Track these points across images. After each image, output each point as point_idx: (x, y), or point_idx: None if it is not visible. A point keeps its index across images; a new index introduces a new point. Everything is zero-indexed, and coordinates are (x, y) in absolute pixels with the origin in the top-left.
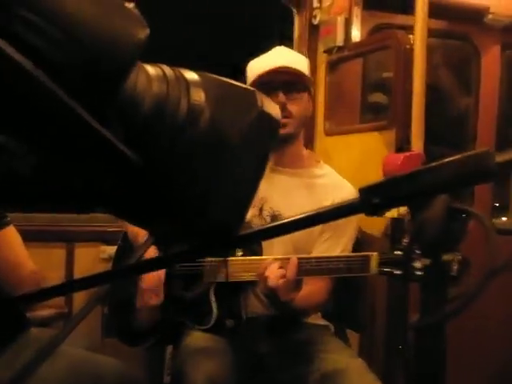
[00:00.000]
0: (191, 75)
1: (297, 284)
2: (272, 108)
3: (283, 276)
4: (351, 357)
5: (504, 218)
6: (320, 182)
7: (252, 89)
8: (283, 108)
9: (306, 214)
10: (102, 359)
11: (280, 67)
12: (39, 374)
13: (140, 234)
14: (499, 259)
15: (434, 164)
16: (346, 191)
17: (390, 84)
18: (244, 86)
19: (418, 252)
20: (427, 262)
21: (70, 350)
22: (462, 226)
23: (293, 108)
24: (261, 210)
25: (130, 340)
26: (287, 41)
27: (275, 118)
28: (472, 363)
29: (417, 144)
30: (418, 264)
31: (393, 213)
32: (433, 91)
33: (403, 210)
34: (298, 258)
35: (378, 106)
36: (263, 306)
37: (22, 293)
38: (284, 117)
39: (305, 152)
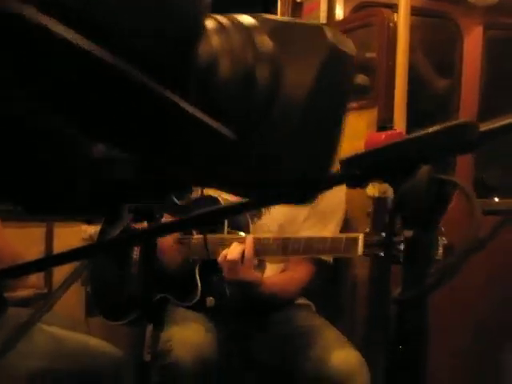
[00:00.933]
0: (249, 20)
1: (259, 264)
2: (346, 43)
3: (241, 254)
4: (332, 332)
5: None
6: None
7: (319, 23)
8: None
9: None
10: (84, 337)
11: None
12: (20, 349)
13: None
14: (482, 232)
15: (415, 134)
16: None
17: (372, 65)
18: (309, 22)
19: (399, 229)
20: (409, 233)
21: (51, 328)
22: (446, 197)
23: None
24: None
25: (112, 315)
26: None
27: (350, 54)
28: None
29: (399, 123)
30: (401, 246)
31: (374, 191)
32: (414, 70)
33: (384, 187)
34: (285, 238)
35: (359, 88)
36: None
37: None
38: None
39: None
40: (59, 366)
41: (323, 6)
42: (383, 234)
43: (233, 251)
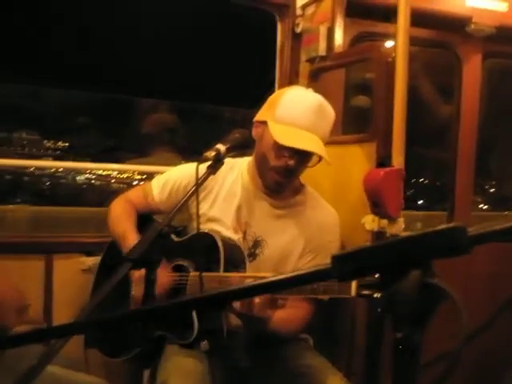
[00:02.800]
0: None
1: (272, 302)
2: None
3: None
4: (330, 370)
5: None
6: (302, 210)
7: None
8: (292, 170)
9: (280, 277)
10: (82, 377)
11: (306, 151)
12: None
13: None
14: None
15: (406, 236)
16: (328, 217)
17: (373, 86)
18: None
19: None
20: (399, 335)
21: (51, 368)
22: (435, 301)
23: (298, 169)
24: (244, 233)
25: (110, 351)
26: (270, 48)
27: None
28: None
29: (397, 159)
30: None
31: (373, 225)
32: (415, 99)
33: (383, 222)
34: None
35: (360, 111)
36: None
37: (1, 317)
38: (284, 176)
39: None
40: None
41: (322, 38)
42: (377, 276)
43: None
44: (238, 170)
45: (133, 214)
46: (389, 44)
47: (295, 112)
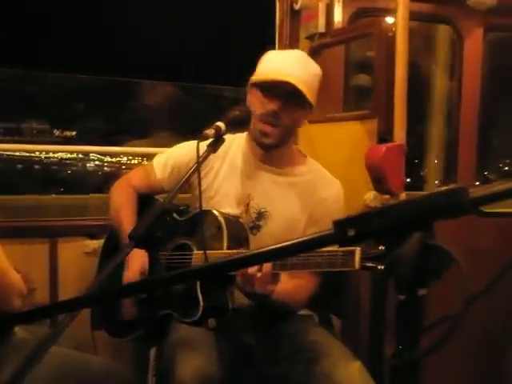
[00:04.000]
0: None
1: (273, 278)
2: None
3: (259, 269)
4: (337, 346)
5: None
6: (305, 180)
7: None
8: (275, 116)
9: (282, 245)
10: (89, 358)
11: (286, 82)
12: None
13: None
14: (472, 290)
15: (407, 199)
16: (331, 188)
17: (373, 64)
18: None
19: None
20: (401, 297)
21: (55, 349)
22: (438, 263)
23: (284, 119)
24: (247, 206)
25: (116, 331)
26: (269, 26)
27: None
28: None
29: (399, 135)
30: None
31: (376, 201)
32: (415, 74)
33: (386, 198)
34: None
35: (361, 90)
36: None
37: (9, 301)
38: (272, 125)
39: (292, 150)
40: None
41: (321, 15)
42: (381, 247)
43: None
44: (237, 144)
45: (134, 200)
46: (389, 20)
47: (272, 62)
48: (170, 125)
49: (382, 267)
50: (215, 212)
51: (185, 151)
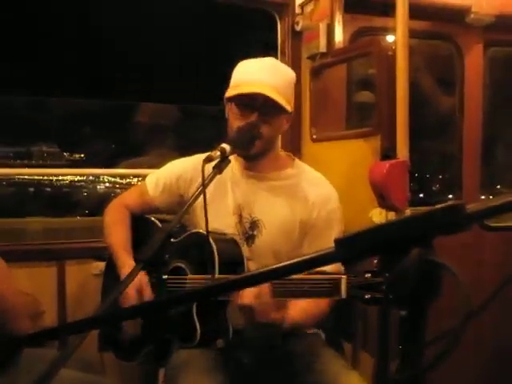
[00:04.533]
0: None
1: (279, 305)
2: None
3: (257, 296)
4: (344, 367)
5: None
6: (295, 182)
7: None
8: (254, 128)
9: (284, 264)
10: (98, 381)
11: (260, 94)
12: None
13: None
14: (473, 305)
15: (407, 216)
16: (322, 187)
17: (375, 81)
18: None
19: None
20: (403, 313)
21: (64, 371)
22: (437, 278)
23: (264, 129)
24: (240, 216)
25: (123, 354)
26: (271, 48)
27: None
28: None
29: (402, 151)
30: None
31: (381, 217)
32: (417, 92)
33: (391, 214)
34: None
35: (364, 107)
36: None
37: (16, 324)
38: (253, 138)
39: (278, 154)
40: None
41: (322, 35)
42: (367, 275)
43: (245, 296)
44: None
45: (125, 221)
46: (389, 38)
47: (244, 74)
48: (170, 144)
49: (369, 296)
50: (205, 235)
51: (176, 168)
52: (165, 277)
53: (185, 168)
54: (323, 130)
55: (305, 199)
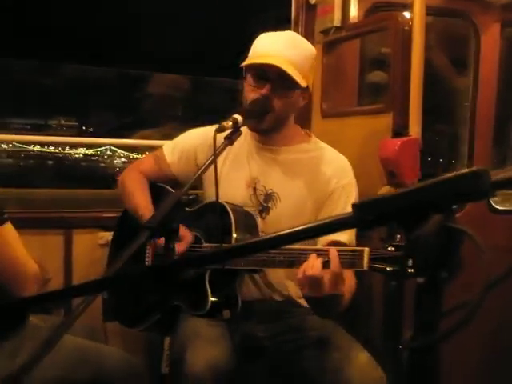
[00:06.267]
0: None
1: (340, 276)
2: None
3: (324, 265)
4: (345, 338)
5: None
6: (311, 156)
7: None
8: (266, 101)
9: (301, 228)
10: (103, 347)
11: (273, 65)
12: (41, 362)
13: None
14: (493, 275)
15: (427, 182)
16: (339, 163)
17: (388, 60)
18: None
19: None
20: (421, 280)
21: (71, 338)
22: (456, 245)
23: (276, 103)
24: (254, 189)
25: (129, 321)
26: (284, 21)
27: None
28: None
29: (414, 129)
30: (409, 262)
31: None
32: (429, 70)
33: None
34: (291, 249)
35: (376, 86)
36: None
37: (25, 289)
38: (264, 111)
39: (294, 129)
40: (76, 376)
41: (337, 9)
42: (391, 249)
43: (313, 266)
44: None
45: (146, 186)
46: (405, 14)
47: (262, 46)
48: (182, 117)
49: (391, 269)
50: (223, 204)
51: (193, 137)
52: (171, 246)
53: (203, 137)
54: (334, 105)
55: (321, 173)
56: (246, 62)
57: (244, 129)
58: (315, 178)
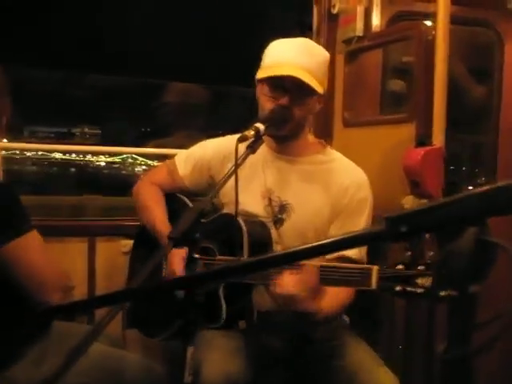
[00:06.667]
0: None
1: (316, 291)
2: None
3: (298, 283)
4: (366, 352)
5: None
6: (326, 168)
7: None
8: (286, 111)
9: (330, 240)
10: (125, 355)
11: (291, 76)
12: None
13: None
14: None
15: (461, 195)
16: (357, 176)
17: (410, 69)
18: None
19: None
20: (454, 293)
21: (95, 345)
22: (491, 259)
23: (296, 112)
24: (270, 200)
25: (148, 330)
26: (306, 30)
27: None
28: None
29: (438, 138)
30: (420, 281)
31: (413, 206)
32: (452, 80)
33: (422, 202)
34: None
35: (396, 95)
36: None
37: (49, 296)
38: (284, 120)
39: (309, 140)
40: (100, 383)
41: (359, 18)
42: (399, 267)
43: (287, 284)
44: None
45: (161, 199)
46: (427, 24)
47: (276, 54)
48: (192, 124)
49: (400, 288)
50: (236, 217)
51: (207, 148)
52: (196, 256)
53: (217, 148)
54: (356, 114)
55: (336, 185)
56: (262, 75)
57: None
58: (330, 189)
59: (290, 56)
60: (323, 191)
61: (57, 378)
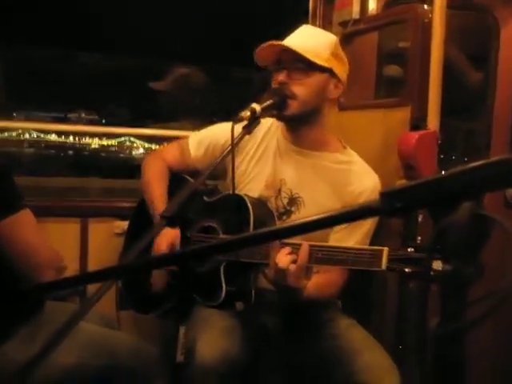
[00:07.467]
0: None
1: (307, 271)
2: None
3: (294, 261)
4: (361, 333)
5: None
6: (343, 168)
7: None
8: (285, 88)
9: (327, 214)
10: (119, 335)
11: (286, 48)
12: (57, 348)
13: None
14: None
15: (456, 170)
16: (368, 181)
17: (405, 54)
18: None
19: (437, 256)
20: (448, 267)
21: (87, 325)
22: (486, 233)
23: (296, 89)
24: (279, 191)
25: (142, 307)
26: (302, 13)
27: None
28: None
29: (433, 121)
30: (434, 264)
31: None
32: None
33: None
34: (310, 245)
35: (391, 80)
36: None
37: (41, 275)
38: (284, 97)
39: (329, 136)
40: (93, 363)
41: (356, 1)
42: (410, 250)
43: (284, 259)
44: (274, 129)
45: (165, 175)
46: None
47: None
48: (193, 108)
49: (409, 270)
50: (243, 196)
51: (220, 131)
52: (188, 235)
53: (228, 132)
54: (351, 98)
55: (350, 189)
56: (260, 47)
57: (277, 125)
58: (344, 191)
59: (289, 39)
60: (336, 191)
61: (44, 354)
